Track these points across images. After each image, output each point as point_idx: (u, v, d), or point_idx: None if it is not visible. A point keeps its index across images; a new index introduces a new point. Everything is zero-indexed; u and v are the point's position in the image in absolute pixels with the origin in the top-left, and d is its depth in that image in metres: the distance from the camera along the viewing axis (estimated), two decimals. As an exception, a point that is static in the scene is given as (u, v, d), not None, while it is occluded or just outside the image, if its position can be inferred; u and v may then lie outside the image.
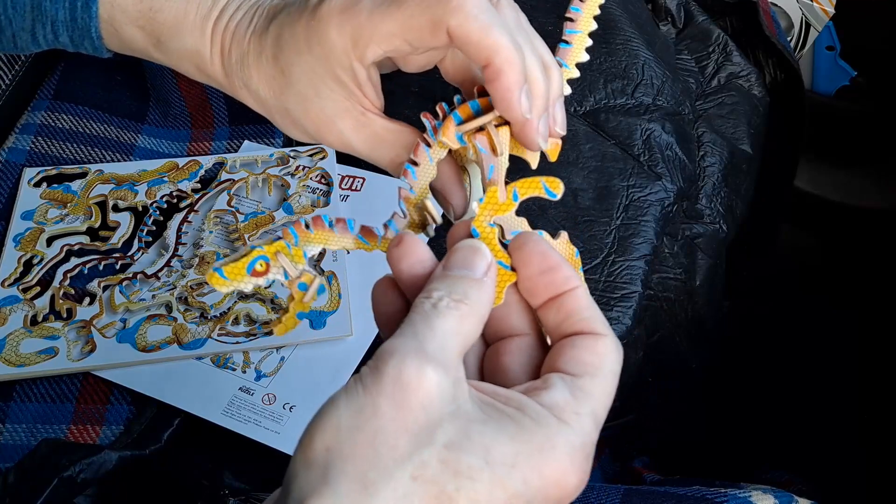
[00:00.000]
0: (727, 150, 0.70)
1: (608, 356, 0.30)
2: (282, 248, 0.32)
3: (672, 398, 0.69)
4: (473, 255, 0.30)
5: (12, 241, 0.58)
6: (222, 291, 0.30)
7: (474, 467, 0.25)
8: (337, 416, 0.26)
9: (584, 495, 0.42)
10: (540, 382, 0.29)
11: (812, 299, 0.92)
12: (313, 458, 0.25)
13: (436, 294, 0.28)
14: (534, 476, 0.26)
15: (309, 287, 0.32)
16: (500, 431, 0.26)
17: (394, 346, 0.26)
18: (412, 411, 0.25)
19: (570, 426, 0.27)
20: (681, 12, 0.76)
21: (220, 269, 0.30)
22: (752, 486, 0.43)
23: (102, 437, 0.50)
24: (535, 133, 0.33)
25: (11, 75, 0.64)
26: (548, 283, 0.30)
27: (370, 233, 0.33)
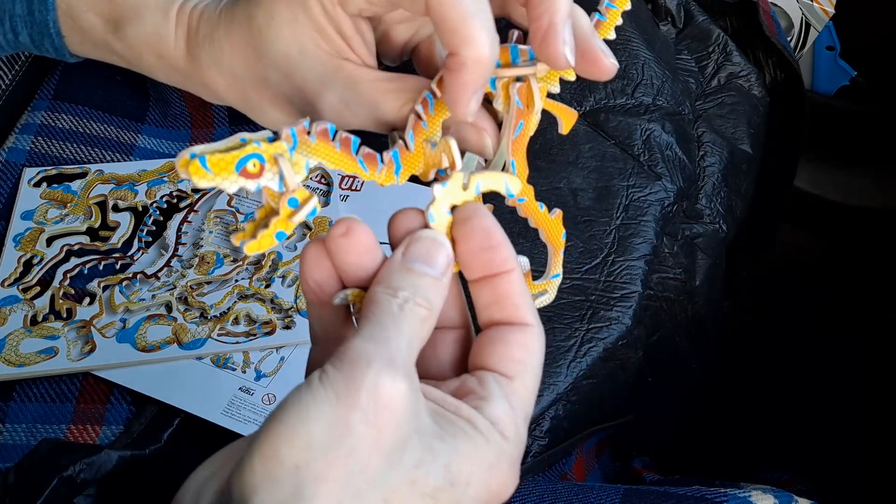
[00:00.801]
0: (727, 150, 0.70)
1: (535, 350, 0.29)
2: (284, 151, 0.27)
3: (672, 398, 0.69)
4: (436, 250, 0.29)
5: (12, 241, 0.58)
6: (198, 185, 0.25)
7: (438, 487, 0.25)
8: (307, 430, 0.24)
9: (584, 495, 0.42)
10: (476, 385, 0.28)
11: (812, 299, 0.92)
12: (281, 475, 0.24)
13: (402, 294, 0.27)
14: (483, 492, 0.27)
15: (301, 205, 0.27)
16: (456, 449, 0.26)
17: (368, 353, 0.25)
18: (385, 430, 0.24)
19: (510, 441, 0.27)
20: (681, 12, 0.76)
21: (203, 157, 0.25)
22: (752, 486, 0.43)
23: (102, 437, 0.50)
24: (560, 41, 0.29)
25: (11, 75, 0.64)
26: (486, 261, 0.29)
27: (372, 159, 0.30)
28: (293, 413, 0.24)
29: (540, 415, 0.54)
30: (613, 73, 0.31)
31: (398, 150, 0.30)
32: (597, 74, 0.31)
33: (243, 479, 0.24)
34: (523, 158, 0.32)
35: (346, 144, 0.29)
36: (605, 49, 0.31)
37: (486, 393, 0.28)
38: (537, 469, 0.53)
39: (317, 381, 0.25)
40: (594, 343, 0.55)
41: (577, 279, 0.57)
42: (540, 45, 0.29)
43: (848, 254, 0.98)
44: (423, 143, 0.31)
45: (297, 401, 0.24)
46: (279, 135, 0.27)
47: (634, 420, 0.62)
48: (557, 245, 0.34)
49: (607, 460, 0.62)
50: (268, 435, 0.24)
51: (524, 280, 0.30)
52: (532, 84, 0.31)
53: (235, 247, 0.58)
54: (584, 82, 0.66)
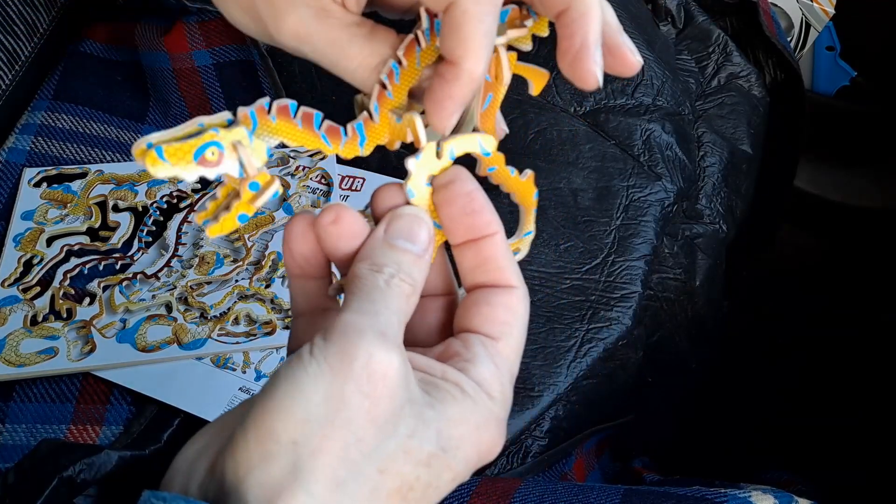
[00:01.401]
0: (727, 150, 0.70)
1: (520, 311, 0.30)
2: (243, 137, 0.26)
3: (672, 398, 0.69)
4: (418, 227, 0.29)
5: (12, 241, 0.58)
6: (156, 175, 0.24)
7: (431, 454, 0.25)
8: (303, 404, 0.24)
9: (584, 495, 0.42)
10: (461, 347, 0.29)
11: (812, 299, 0.92)
12: (277, 451, 0.24)
13: (387, 270, 0.27)
14: (472, 453, 0.27)
15: (262, 189, 0.27)
16: (446, 414, 0.26)
17: (360, 325, 0.25)
18: (379, 401, 0.24)
19: (497, 401, 0.28)
20: (681, 12, 0.76)
21: (158, 147, 0.24)
22: (752, 486, 0.43)
23: (102, 438, 0.50)
24: (592, 62, 0.29)
25: (11, 75, 0.64)
26: (469, 225, 0.29)
27: (335, 133, 0.29)
28: (287, 388, 0.24)
29: (540, 415, 0.54)
30: (638, 69, 0.31)
31: (362, 121, 0.29)
32: (622, 71, 0.31)
33: (237, 457, 0.24)
34: (493, 129, 0.31)
35: (308, 120, 0.28)
36: (632, 47, 0.31)
37: (470, 355, 0.28)
38: (537, 469, 0.53)
39: (307, 354, 0.25)
40: (594, 343, 0.55)
41: (577, 279, 0.58)
42: (571, 64, 0.29)
43: (848, 254, 0.98)
44: (389, 114, 0.30)
45: (290, 375, 0.24)
46: (237, 117, 0.26)
47: (634, 420, 0.62)
48: (529, 204, 0.34)
49: (607, 460, 0.62)
50: (262, 411, 0.24)
51: (507, 242, 0.30)
52: (501, 55, 0.30)
53: (236, 247, 0.58)
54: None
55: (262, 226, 0.59)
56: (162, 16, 0.65)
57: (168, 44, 0.64)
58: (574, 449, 0.56)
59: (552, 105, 0.65)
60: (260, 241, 0.58)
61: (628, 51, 0.31)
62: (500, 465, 0.53)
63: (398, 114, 0.30)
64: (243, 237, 0.59)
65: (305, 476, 0.23)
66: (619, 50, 0.30)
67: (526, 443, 0.53)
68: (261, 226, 0.59)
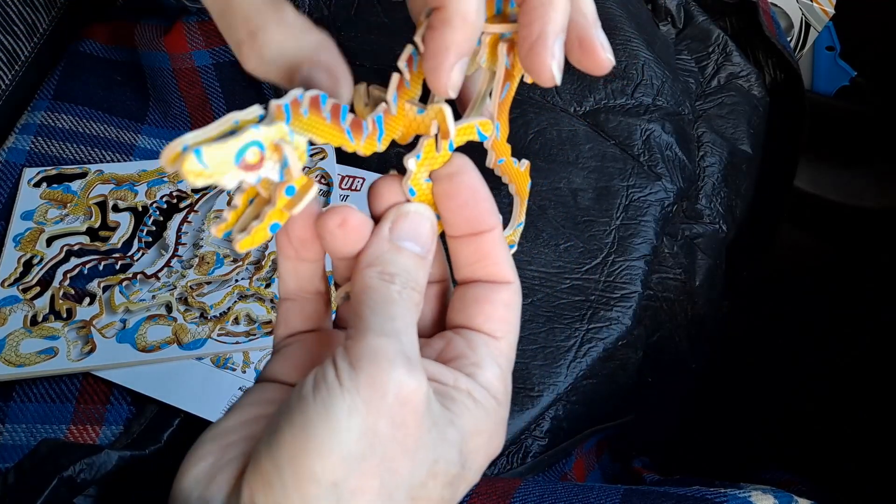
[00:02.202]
0: (727, 150, 0.70)
1: (517, 307, 0.29)
2: (285, 134, 0.23)
3: (672, 398, 0.69)
4: (423, 227, 0.28)
5: (12, 241, 0.58)
6: (195, 184, 0.21)
7: (454, 474, 0.26)
8: (340, 443, 0.23)
9: (584, 495, 0.42)
10: (466, 348, 0.28)
11: (812, 299, 0.92)
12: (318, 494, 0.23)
13: (399, 280, 0.26)
14: (483, 461, 0.27)
15: (299, 194, 0.24)
16: (464, 429, 0.26)
17: (387, 351, 0.24)
18: (410, 431, 0.24)
19: (502, 404, 0.28)
20: (681, 12, 0.76)
21: (198, 149, 0.21)
22: (752, 486, 0.43)
23: (102, 437, 0.50)
24: (548, 55, 0.27)
25: (11, 75, 0.64)
26: (471, 218, 0.28)
27: (357, 127, 0.27)
28: (322, 425, 0.23)
29: (540, 415, 0.54)
30: (608, 68, 0.29)
31: (382, 113, 0.27)
32: (592, 68, 0.29)
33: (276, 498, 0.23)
34: (507, 121, 0.30)
35: (336, 113, 0.26)
36: (604, 43, 0.28)
37: (477, 357, 0.28)
38: (537, 469, 0.53)
39: (337, 385, 0.23)
40: (594, 343, 0.55)
41: (577, 279, 0.57)
42: (526, 55, 0.27)
43: (848, 254, 0.98)
44: (407, 105, 0.28)
45: (325, 410, 0.23)
46: (270, 111, 0.24)
47: (634, 420, 0.62)
48: (524, 194, 0.33)
49: (607, 460, 0.62)
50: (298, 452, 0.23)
51: (504, 237, 0.29)
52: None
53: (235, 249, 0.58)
54: (584, 82, 0.66)
55: (262, 226, 0.59)
56: (162, 16, 0.65)
57: (168, 44, 0.64)
58: (574, 449, 0.56)
59: (552, 105, 0.65)
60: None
61: (599, 46, 0.28)
62: (500, 465, 0.53)
63: (414, 104, 0.28)
64: (243, 237, 0.58)
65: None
66: (590, 44, 0.28)
67: (526, 443, 0.53)
68: (261, 226, 0.59)
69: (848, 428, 0.75)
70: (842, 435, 0.75)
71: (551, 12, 0.26)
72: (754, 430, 0.79)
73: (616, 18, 0.68)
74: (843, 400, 0.78)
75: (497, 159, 0.31)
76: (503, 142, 0.31)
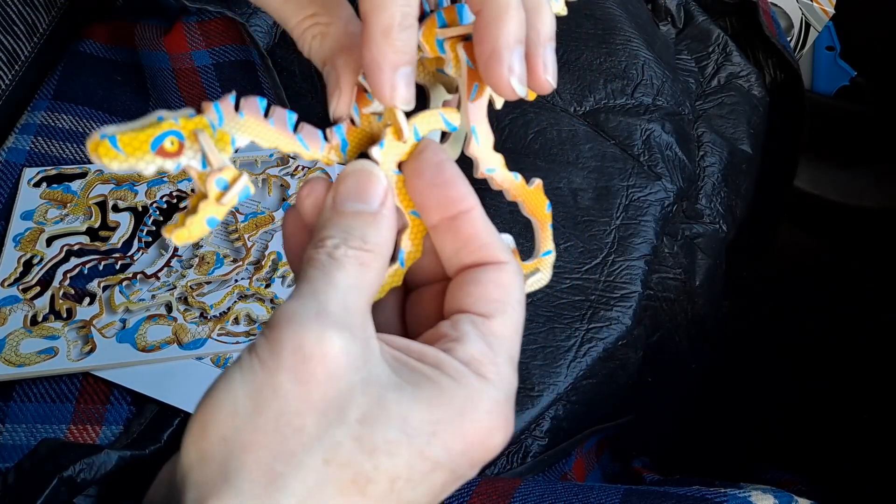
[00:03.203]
0: (727, 150, 0.70)
1: (513, 287, 0.27)
2: (205, 125, 0.24)
3: (672, 398, 0.69)
4: (367, 182, 0.26)
5: (12, 241, 0.58)
6: (111, 168, 0.22)
7: (391, 441, 0.23)
8: (232, 398, 0.22)
9: (584, 495, 0.42)
10: (450, 328, 0.26)
11: (812, 299, 0.92)
12: (209, 450, 0.22)
13: (330, 242, 0.25)
14: (456, 441, 0.24)
15: (230, 186, 0.25)
16: (416, 396, 0.24)
17: (291, 311, 0.23)
18: (318, 386, 0.22)
19: (490, 382, 0.25)
20: (681, 12, 0.76)
21: (113, 136, 0.22)
22: (752, 486, 0.43)
23: (102, 437, 0.50)
24: (504, 69, 0.26)
25: (11, 75, 0.64)
26: (441, 198, 0.27)
27: (314, 136, 0.27)
28: (220, 387, 0.23)
29: (540, 415, 0.54)
30: (548, 90, 0.28)
31: (343, 125, 0.27)
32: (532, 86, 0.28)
33: (181, 459, 0.23)
34: (485, 124, 0.29)
35: (281, 121, 0.26)
36: (547, 63, 0.28)
37: (458, 334, 0.26)
38: (537, 469, 0.53)
39: (244, 354, 0.23)
40: (594, 343, 0.55)
41: (577, 279, 0.57)
42: (484, 72, 0.27)
43: (848, 254, 0.98)
44: (371, 116, 0.28)
45: (225, 374, 0.23)
46: (201, 109, 0.24)
47: (634, 420, 0.62)
48: (542, 218, 0.31)
49: (607, 460, 0.62)
50: (196, 412, 0.23)
51: (486, 218, 0.27)
52: None
53: (236, 247, 0.58)
54: (584, 82, 0.66)
55: (261, 226, 0.59)
56: (162, 16, 0.65)
57: (168, 44, 0.64)
58: (574, 449, 0.56)
59: (552, 105, 0.65)
60: (260, 241, 0.58)
61: (541, 66, 0.27)
62: (500, 465, 0.53)
63: (375, 113, 0.28)
64: (243, 237, 0.59)
65: (235, 472, 0.22)
66: (532, 63, 0.27)
67: (526, 443, 0.53)
68: (261, 226, 0.59)
69: (848, 428, 0.75)
70: (842, 435, 0.75)
71: (503, 26, 0.26)
72: (754, 430, 0.79)
73: (616, 18, 0.68)
74: (842, 400, 0.78)
75: (484, 168, 0.29)
76: (488, 149, 0.29)
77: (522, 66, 0.27)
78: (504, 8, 0.26)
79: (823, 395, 0.80)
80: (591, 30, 0.68)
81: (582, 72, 0.66)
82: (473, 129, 0.29)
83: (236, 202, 0.25)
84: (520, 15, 0.26)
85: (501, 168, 0.30)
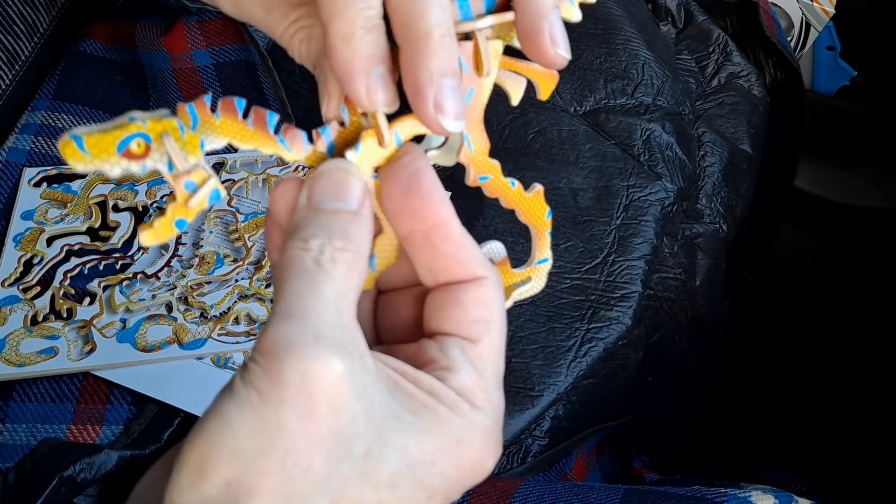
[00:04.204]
0: (727, 150, 0.70)
1: (495, 303, 0.26)
2: (172, 128, 0.24)
3: (672, 398, 0.69)
4: (344, 182, 0.25)
5: (12, 241, 0.58)
6: (76, 169, 0.22)
7: (395, 473, 0.22)
8: (232, 437, 0.21)
9: (584, 495, 0.42)
10: (438, 352, 0.25)
11: (812, 299, 0.92)
12: (211, 495, 0.21)
13: (314, 243, 0.23)
14: (453, 470, 0.24)
15: (199, 188, 0.24)
16: (415, 426, 0.23)
17: (286, 338, 0.22)
18: (324, 421, 0.21)
19: (482, 410, 0.25)
20: (681, 12, 0.76)
21: (79, 137, 0.22)
22: (752, 486, 0.43)
23: (102, 437, 0.50)
24: (546, 40, 0.25)
25: (11, 75, 0.64)
26: (415, 208, 0.25)
27: (297, 138, 0.26)
28: (214, 422, 0.21)
29: (540, 415, 0.54)
30: (561, 64, 0.26)
31: (329, 127, 0.26)
32: (542, 61, 0.26)
33: (174, 499, 0.21)
34: (480, 129, 0.28)
35: (261, 122, 0.25)
36: (555, 35, 0.26)
37: (448, 361, 0.25)
38: (537, 469, 0.53)
39: (238, 381, 0.22)
40: (594, 343, 0.55)
41: (577, 279, 0.57)
42: (526, 47, 0.26)
43: (848, 254, 0.98)
44: (361, 119, 0.27)
45: (219, 407, 0.22)
46: (176, 111, 0.24)
47: (634, 420, 0.62)
48: (540, 225, 0.30)
49: (607, 460, 0.62)
50: (191, 450, 0.21)
51: (464, 230, 0.26)
52: (480, 42, 0.26)
53: (236, 247, 0.58)
54: (585, 82, 0.66)
55: (262, 226, 0.59)
56: (162, 16, 0.65)
57: (168, 44, 0.64)
58: (574, 449, 0.56)
59: (552, 105, 0.65)
60: (260, 241, 0.58)
61: (547, 40, 0.26)
62: (500, 465, 0.53)
63: (363, 115, 0.27)
64: (243, 237, 0.59)
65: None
66: (537, 36, 0.26)
67: (526, 443, 0.53)
68: (261, 226, 0.59)
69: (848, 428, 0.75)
70: (842, 435, 0.75)
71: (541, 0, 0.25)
72: (754, 430, 0.79)
73: (616, 18, 0.68)
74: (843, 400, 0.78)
75: (477, 176, 0.28)
76: (482, 156, 0.28)
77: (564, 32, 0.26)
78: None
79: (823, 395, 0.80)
80: (591, 30, 0.68)
81: (582, 72, 0.67)
82: (466, 136, 0.28)
83: (206, 205, 0.24)
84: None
85: (497, 175, 0.29)
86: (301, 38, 0.28)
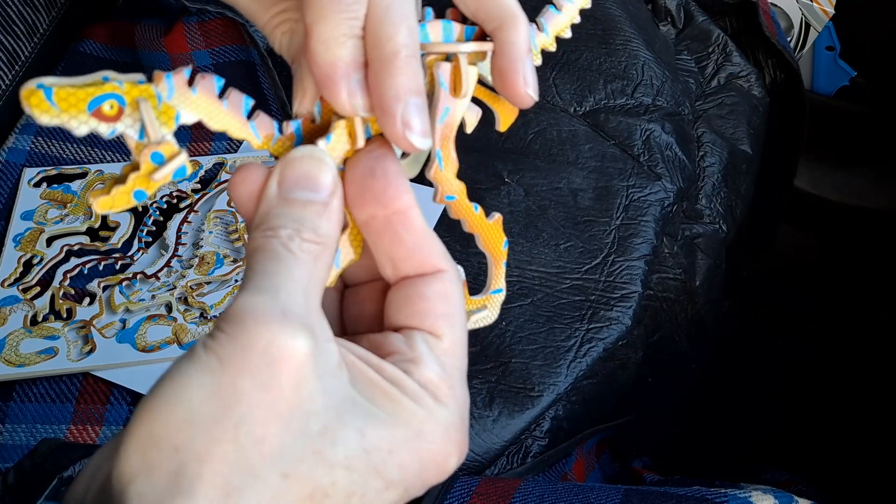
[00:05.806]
0: (727, 150, 0.70)
1: (456, 296, 0.26)
2: (150, 95, 0.22)
3: (672, 398, 0.69)
4: (317, 170, 0.24)
5: (12, 241, 0.58)
6: (39, 121, 0.21)
7: (351, 456, 0.22)
8: (186, 402, 0.20)
9: (584, 495, 0.42)
10: (404, 345, 0.25)
11: (811, 299, 0.92)
12: (158, 459, 0.20)
13: (283, 232, 0.23)
14: (412, 462, 0.23)
15: (166, 162, 0.23)
16: (375, 413, 0.23)
17: (254, 307, 0.21)
18: (282, 393, 0.21)
19: (446, 406, 0.24)
20: (681, 12, 0.76)
21: (49, 88, 0.21)
22: (752, 486, 0.43)
23: (102, 437, 0.50)
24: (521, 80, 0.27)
25: (12, 75, 0.64)
26: (375, 192, 0.25)
27: (267, 127, 0.25)
28: (170, 386, 0.21)
29: (540, 415, 0.54)
30: (529, 104, 0.28)
31: (300, 122, 0.26)
32: (511, 98, 0.28)
33: (121, 466, 0.21)
34: (451, 149, 0.28)
35: (236, 105, 0.24)
36: (527, 77, 0.27)
37: (414, 354, 0.25)
38: (537, 469, 0.53)
39: (200, 347, 0.21)
40: (594, 343, 0.55)
41: (577, 279, 0.58)
42: (499, 81, 0.27)
43: (847, 254, 0.98)
44: (334, 117, 0.26)
45: (177, 371, 0.21)
46: (153, 78, 0.23)
47: (634, 420, 0.62)
48: (498, 255, 0.30)
49: (607, 461, 0.62)
50: (142, 413, 0.21)
51: (425, 222, 0.26)
52: (462, 64, 0.27)
53: (236, 247, 0.58)
54: (584, 82, 0.66)
55: (262, 226, 0.59)
56: (162, 16, 0.65)
57: (168, 44, 0.64)
58: (574, 449, 0.56)
59: (552, 105, 0.65)
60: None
61: (521, 80, 0.27)
62: (500, 465, 0.53)
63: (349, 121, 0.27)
64: (243, 237, 0.59)
65: (188, 486, 0.20)
66: (512, 76, 0.27)
67: (526, 443, 0.53)
68: (261, 226, 0.59)
69: (847, 428, 0.75)
70: (842, 435, 0.75)
71: (518, 42, 0.26)
72: (754, 429, 0.79)
73: (616, 18, 0.69)
74: (842, 400, 0.78)
75: (444, 195, 0.28)
76: (450, 176, 0.28)
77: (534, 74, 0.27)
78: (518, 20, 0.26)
79: (823, 395, 0.80)
80: (591, 30, 0.68)
81: (582, 72, 0.67)
82: (438, 154, 0.28)
83: (169, 179, 0.23)
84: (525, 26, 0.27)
85: (462, 197, 0.28)
86: (284, 30, 0.28)
